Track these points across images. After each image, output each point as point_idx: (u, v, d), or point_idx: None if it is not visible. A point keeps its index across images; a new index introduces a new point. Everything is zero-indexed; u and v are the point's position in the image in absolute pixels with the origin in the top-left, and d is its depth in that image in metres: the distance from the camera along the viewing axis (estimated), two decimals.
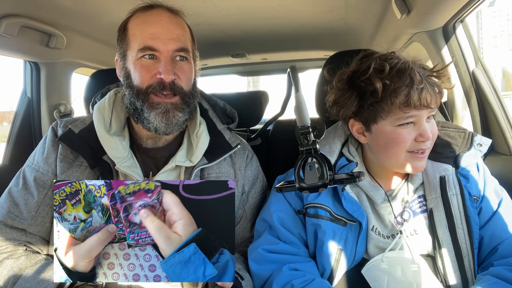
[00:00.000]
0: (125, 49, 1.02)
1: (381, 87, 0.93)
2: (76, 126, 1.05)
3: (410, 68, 0.93)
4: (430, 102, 0.93)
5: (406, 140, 0.95)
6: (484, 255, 0.97)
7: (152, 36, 0.97)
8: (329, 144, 1.12)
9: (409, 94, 0.91)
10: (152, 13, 1.00)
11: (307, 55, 2.64)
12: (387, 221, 1.03)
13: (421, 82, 0.92)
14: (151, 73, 0.97)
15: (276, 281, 0.95)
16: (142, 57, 0.97)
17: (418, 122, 0.95)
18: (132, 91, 0.99)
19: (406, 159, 0.97)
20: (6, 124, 24.81)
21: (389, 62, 0.95)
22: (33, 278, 0.87)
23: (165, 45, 0.97)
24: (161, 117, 0.98)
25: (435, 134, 0.98)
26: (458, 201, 0.97)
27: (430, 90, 0.93)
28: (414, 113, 0.93)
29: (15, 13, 1.41)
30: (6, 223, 0.97)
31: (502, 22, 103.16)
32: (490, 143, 1.04)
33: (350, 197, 1.02)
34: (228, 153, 1.11)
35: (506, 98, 1.64)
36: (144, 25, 0.98)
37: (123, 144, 1.03)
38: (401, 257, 0.99)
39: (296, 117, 0.96)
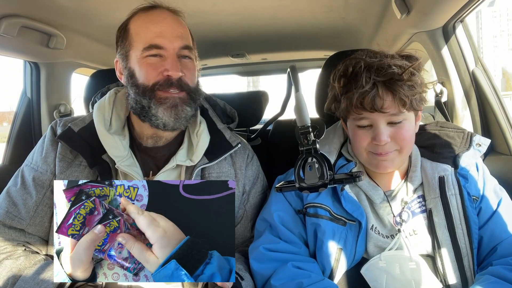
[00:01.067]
0: (127, 49, 1.01)
1: (339, 89, 1.00)
2: (76, 125, 1.05)
3: (364, 72, 0.94)
4: (384, 107, 0.93)
5: (361, 141, 0.99)
6: (483, 255, 0.97)
7: (158, 35, 0.97)
8: (328, 144, 1.12)
9: (359, 97, 0.93)
10: (154, 12, 1.01)
11: (307, 55, 2.64)
12: (386, 221, 1.03)
13: (372, 87, 0.92)
14: (157, 71, 0.97)
15: (280, 276, 0.94)
16: (147, 56, 0.98)
17: (374, 124, 0.96)
18: (137, 90, 0.99)
19: (369, 158, 1.00)
20: (6, 125, 24.81)
21: (353, 64, 0.97)
22: (33, 279, 0.87)
23: (171, 42, 0.98)
24: (169, 111, 0.98)
25: (401, 140, 0.96)
26: (457, 201, 0.97)
27: (385, 96, 0.93)
28: (367, 115, 0.95)
29: (15, 13, 1.40)
30: (5, 223, 0.97)
31: (502, 22, 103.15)
32: (489, 143, 1.04)
33: (349, 197, 1.02)
34: (228, 152, 1.11)
35: (506, 98, 1.63)
36: (148, 24, 0.99)
37: (123, 143, 1.03)
38: (399, 255, 0.99)
39: (296, 117, 0.96)
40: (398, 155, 0.99)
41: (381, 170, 1.00)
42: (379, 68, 0.94)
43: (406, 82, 0.93)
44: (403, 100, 0.93)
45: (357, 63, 0.97)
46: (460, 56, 1.43)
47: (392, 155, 0.98)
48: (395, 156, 0.98)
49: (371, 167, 1.03)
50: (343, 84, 1.00)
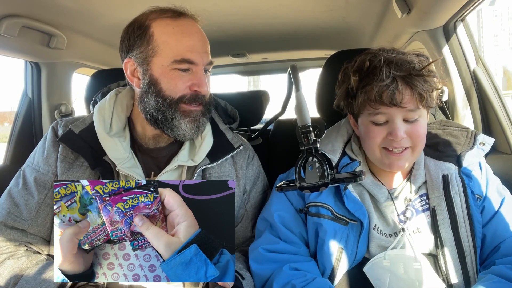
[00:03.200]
0: (148, 55, 0.98)
1: (355, 83, 0.98)
2: (77, 126, 1.05)
3: (384, 66, 0.93)
4: (403, 102, 0.92)
5: (375, 136, 0.97)
6: (486, 254, 0.97)
7: (190, 49, 0.97)
8: (331, 142, 1.12)
9: (379, 91, 0.93)
10: (184, 23, 1.00)
11: (307, 54, 2.64)
12: (390, 220, 1.02)
13: (392, 81, 0.92)
14: (185, 84, 0.98)
15: (277, 281, 0.94)
16: (176, 68, 0.97)
17: (390, 120, 0.96)
18: (163, 100, 0.98)
19: (382, 155, 0.99)
20: (7, 125, 24.85)
21: (370, 59, 0.97)
22: (34, 279, 0.87)
23: (201, 58, 0.99)
24: (192, 124, 1.01)
25: (416, 137, 0.96)
26: (461, 200, 0.97)
27: (404, 90, 0.93)
28: (384, 110, 0.95)
29: (16, 14, 1.41)
30: (7, 223, 0.97)
31: (503, 20, 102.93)
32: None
33: (352, 196, 1.01)
34: (230, 153, 1.11)
35: (507, 97, 1.62)
36: (180, 35, 0.97)
37: (124, 145, 1.03)
38: (403, 255, 0.99)
39: (296, 116, 0.96)
40: (411, 154, 0.98)
41: (394, 169, 1.00)
42: (399, 63, 0.94)
43: (426, 78, 0.93)
44: (421, 95, 0.93)
45: (375, 57, 0.96)
46: (461, 55, 1.43)
47: (406, 154, 0.97)
48: (408, 155, 0.98)
49: (382, 166, 1.01)
50: (360, 78, 0.98)
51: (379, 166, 1.03)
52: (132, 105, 1.09)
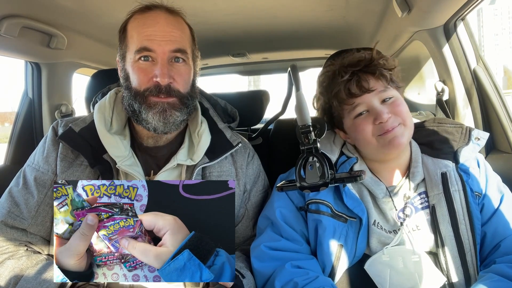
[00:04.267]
0: (124, 51, 1.02)
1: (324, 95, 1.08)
2: (77, 125, 1.05)
3: (340, 68, 1.03)
4: (370, 86, 0.99)
5: (365, 128, 1.00)
6: (486, 252, 0.97)
7: (148, 37, 0.97)
8: (330, 143, 1.13)
9: (346, 87, 1.01)
10: (150, 14, 1.00)
11: (307, 54, 2.64)
12: (389, 216, 1.03)
13: (352, 74, 1.00)
14: (148, 76, 0.97)
15: (279, 278, 0.95)
16: (139, 59, 0.98)
17: (370, 107, 1.00)
18: (130, 93, 1.00)
19: (379, 142, 0.99)
20: (8, 125, 24.86)
21: (326, 71, 1.07)
22: (35, 279, 0.87)
23: (160, 46, 0.97)
24: (158, 116, 0.98)
25: (399, 113, 0.99)
26: (460, 197, 0.97)
27: (367, 77, 1.00)
28: (359, 100, 1.00)
29: (16, 14, 1.41)
30: (7, 223, 0.97)
31: (503, 20, 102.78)
32: (490, 140, 1.04)
33: (351, 193, 1.02)
34: (229, 151, 1.11)
35: (507, 96, 1.62)
36: (142, 27, 0.98)
37: (124, 143, 1.03)
38: (402, 249, 1.00)
39: (297, 116, 0.96)
40: (404, 129, 0.99)
41: (396, 148, 0.98)
42: (351, 61, 1.02)
43: (379, 60, 1.01)
44: (384, 76, 1.00)
45: (329, 67, 1.07)
46: (461, 54, 1.43)
47: (399, 129, 0.98)
48: (402, 130, 0.98)
49: (384, 151, 1.00)
50: (326, 88, 1.06)
51: (382, 157, 1.04)
52: None
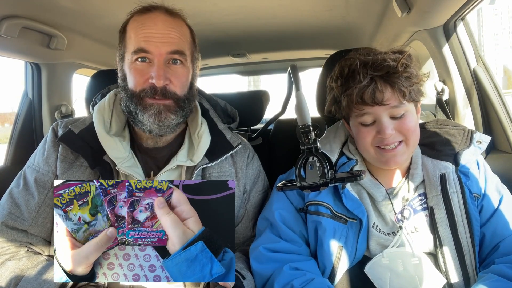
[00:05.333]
0: (123, 52, 1.02)
1: (337, 89, 1.03)
2: (76, 127, 1.05)
3: (361, 68, 0.97)
4: (384, 100, 0.94)
5: (366, 137, 0.99)
6: (485, 253, 0.97)
7: (145, 39, 0.97)
8: (330, 143, 1.13)
9: (359, 92, 0.96)
10: (149, 16, 1.00)
11: (307, 54, 2.64)
12: (388, 219, 1.03)
13: (370, 81, 0.95)
14: (144, 77, 0.97)
15: (278, 280, 0.95)
16: (136, 60, 0.98)
17: (377, 119, 0.97)
18: (126, 94, 1.00)
19: (376, 153, 1.00)
20: (8, 126, 24.85)
21: (348, 64, 1.01)
22: (35, 279, 0.87)
23: (157, 47, 0.97)
24: (153, 118, 0.98)
25: (406, 130, 0.97)
26: (458, 199, 0.97)
27: (384, 88, 0.95)
28: (368, 110, 0.97)
29: (16, 15, 1.41)
30: (7, 224, 0.97)
31: (503, 19, 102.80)
32: (490, 140, 1.04)
33: (350, 195, 1.02)
34: (229, 152, 1.11)
35: (507, 96, 1.61)
36: (140, 28, 0.98)
37: (124, 145, 1.03)
38: (402, 251, 0.99)
39: (297, 116, 0.96)
40: (406, 149, 0.98)
41: (391, 166, 1.00)
42: (374, 63, 0.96)
43: (403, 74, 0.95)
44: (402, 91, 0.95)
45: (352, 62, 1.00)
46: (461, 54, 1.43)
47: (400, 149, 0.98)
48: (403, 150, 0.98)
49: (379, 164, 1.02)
50: (341, 84, 1.02)
51: (376, 165, 1.04)
52: None
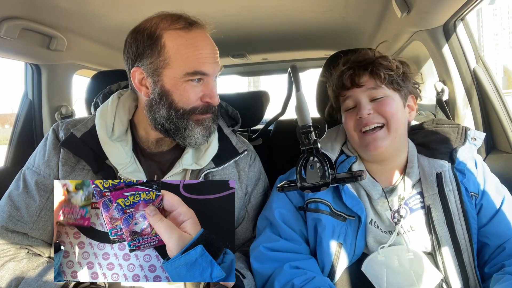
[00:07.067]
0: (160, 66, 0.95)
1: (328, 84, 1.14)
2: (78, 130, 1.03)
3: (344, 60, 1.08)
4: (361, 81, 1.02)
5: (349, 121, 1.05)
6: (489, 253, 0.97)
7: (203, 61, 0.96)
8: (331, 142, 1.14)
9: (340, 77, 1.06)
10: (197, 35, 0.97)
11: (307, 54, 2.64)
12: (384, 217, 1.03)
13: (350, 68, 1.04)
14: (197, 96, 0.98)
15: (278, 279, 0.95)
16: (189, 80, 0.96)
17: (357, 102, 1.03)
18: (175, 112, 0.97)
19: (359, 139, 1.03)
20: (8, 127, 24.84)
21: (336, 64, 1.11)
22: (36, 281, 0.87)
23: (213, 69, 0.99)
24: (204, 131, 1.01)
25: (384, 112, 1.00)
26: (455, 197, 0.97)
27: (362, 73, 1.03)
28: (349, 93, 1.05)
29: (16, 16, 1.41)
30: (8, 227, 0.96)
31: (503, 19, 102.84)
32: (490, 140, 1.05)
33: (350, 192, 1.03)
34: (234, 158, 1.10)
35: (507, 96, 1.61)
36: (193, 48, 0.96)
37: (126, 150, 1.02)
38: (396, 247, 1.00)
39: (297, 116, 0.96)
40: (387, 134, 1.00)
41: (373, 150, 1.01)
42: (356, 57, 1.07)
43: (381, 61, 1.02)
44: (379, 75, 1.01)
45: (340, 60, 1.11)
46: (461, 54, 1.43)
47: (381, 133, 1.00)
48: (384, 134, 1.00)
49: (363, 150, 1.04)
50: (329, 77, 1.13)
51: (361, 154, 1.07)
52: (135, 107, 1.08)
